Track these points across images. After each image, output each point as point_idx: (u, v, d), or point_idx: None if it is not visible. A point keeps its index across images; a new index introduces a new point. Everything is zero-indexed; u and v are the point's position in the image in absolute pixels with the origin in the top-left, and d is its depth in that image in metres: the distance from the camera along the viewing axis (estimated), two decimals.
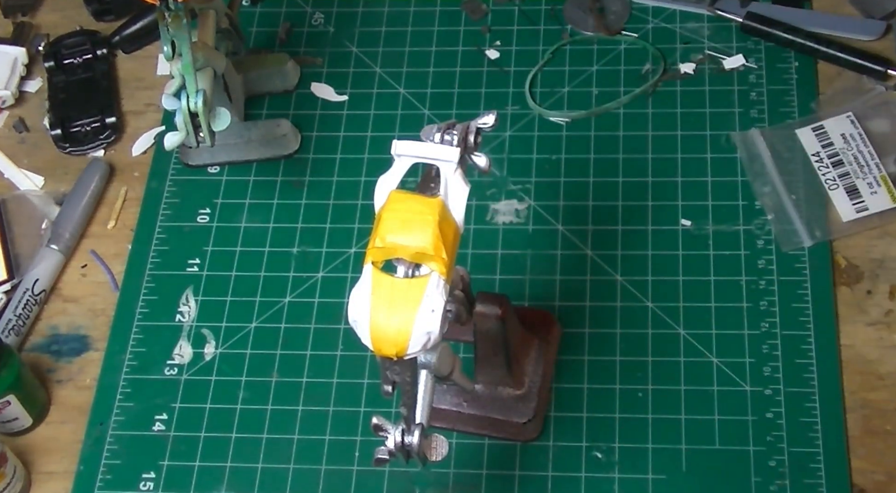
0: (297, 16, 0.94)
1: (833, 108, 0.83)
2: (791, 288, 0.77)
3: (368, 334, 0.53)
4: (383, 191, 0.56)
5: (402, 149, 0.57)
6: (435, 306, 0.53)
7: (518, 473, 0.72)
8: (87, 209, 0.86)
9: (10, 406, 0.75)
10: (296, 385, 0.77)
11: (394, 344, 0.53)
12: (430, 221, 0.54)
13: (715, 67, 0.87)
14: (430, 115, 0.87)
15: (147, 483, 0.74)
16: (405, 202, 0.55)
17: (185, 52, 0.76)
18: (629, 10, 0.91)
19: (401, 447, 0.57)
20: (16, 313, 0.80)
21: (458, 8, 0.93)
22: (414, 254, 0.54)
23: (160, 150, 0.87)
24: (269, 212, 0.84)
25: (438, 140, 0.58)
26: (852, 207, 0.79)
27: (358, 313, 0.54)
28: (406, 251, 0.54)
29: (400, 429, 0.57)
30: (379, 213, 0.55)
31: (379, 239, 0.54)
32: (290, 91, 0.90)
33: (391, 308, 0.53)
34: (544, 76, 0.88)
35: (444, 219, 0.54)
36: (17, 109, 0.93)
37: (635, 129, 0.85)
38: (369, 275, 0.54)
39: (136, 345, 0.80)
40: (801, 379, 0.73)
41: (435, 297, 0.53)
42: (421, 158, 0.57)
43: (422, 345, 0.53)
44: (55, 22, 0.96)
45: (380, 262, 0.54)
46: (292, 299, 0.80)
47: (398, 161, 0.57)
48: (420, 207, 0.55)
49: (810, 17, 0.88)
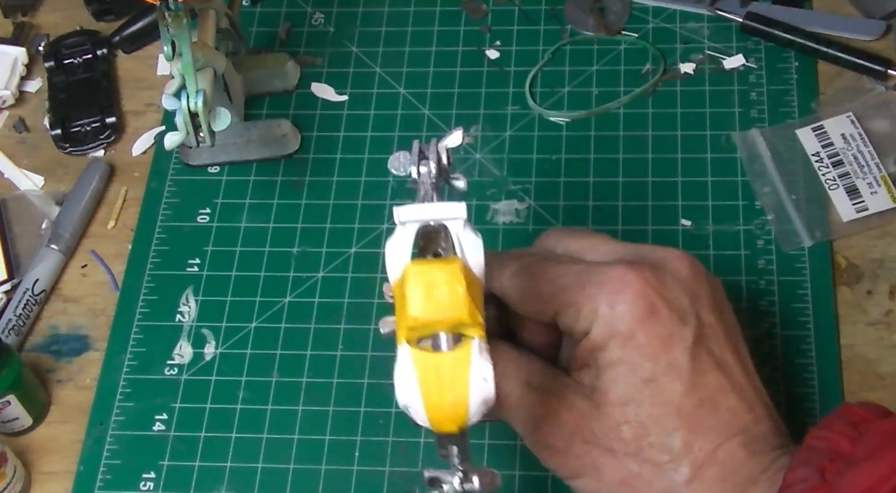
0: (297, 16, 0.94)
1: (833, 108, 0.83)
2: (791, 288, 0.77)
3: (425, 417, 0.51)
4: (395, 263, 0.53)
5: (405, 215, 0.53)
6: (485, 374, 0.51)
7: (518, 473, 0.72)
8: (87, 209, 0.86)
9: (10, 406, 0.75)
10: (296, 385, 0.77)
11: (454, 421, 0.51)
12: (459, 292, 0.51)
13: (715, 67, 0.87)
14: (430, 115, 0.87)
15: (147, 483, 0.74)
16: (426, 276, 0.52)
17: (185, 52, 0.76)
18: (629, 10, 0.91)
19: None
20: (16, 313, 0.80)
21: (458, 8, 0.93)
22: (451, 326, 0.51)
23: (160, 150, 0.87)
24: (269, 212, 0.84)
25: (415, 173, 0.55)
26: (852, 207, 0.79)
27: (409, 398, 0.51)
28: (442, 325, 0.52)
29: (458, 477, 0.55)
30: (400, 290, 0.52)
31: (411, 319, 0.51)
32: (290, 91, 0.90)
33: (442, 386, 0.51)
34: (544, 76, 0.88)
35: (470, 281, 0.52)
36: (17, 109, 0.93)
37: (635, 129, 0.85)
38: (409, 356, 0.51)
39: (137, 345, 0.80)
40: (801, 379, 0.73)
41: (482, 364, 0.51)
42: (427, 221, 0.53)
43: (481, 414, 0.52)
44: (55, 22, 0.96)
45: (414, 340, 0.52)
46: (292, 299, 0.80)
47: (404, 229, 0.53)
48: (445, 276, 0.51)
49: (810, 17, 0.88)
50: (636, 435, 0.59)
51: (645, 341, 0.59)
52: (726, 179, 0.82)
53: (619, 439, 0.60)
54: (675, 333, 0.60)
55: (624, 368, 0.59)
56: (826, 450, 0.56)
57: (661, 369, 0.59)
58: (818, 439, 0.57)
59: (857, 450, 0.55)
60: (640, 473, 0.60)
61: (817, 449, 0.56)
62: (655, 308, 0.60)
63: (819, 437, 0.57)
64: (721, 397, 0.60)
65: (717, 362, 0.61)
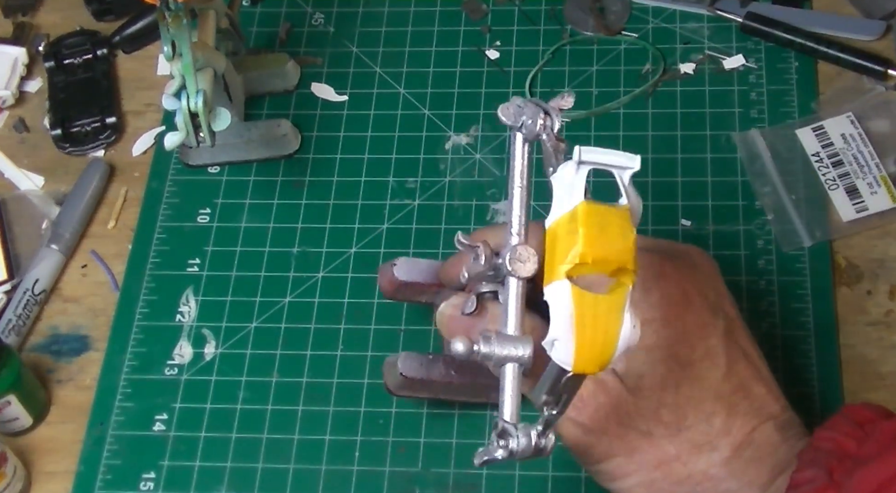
0: (297, 16, 0.94)
1: (833, 108, 0.83)
2: (791, 288, 0.77)
3: (572, 354, 0.51)
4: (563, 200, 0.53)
5: (587, 155, 0.53)
6: (635, 322, 0.51)
7: (518, 473, 0.72)
8: (87, 209, 0.86)
9: (10, 406, 0.75)
10: (296, 385, 0.77)
11: (598, 362, 0.51)
12: (630, 236, 0.51)
13: (715, 67, 0.87)
14: (430, 115, 0.87)
15: (147, 483, 0.74)
16: (601, 216, 0.52)
17: (185, 52, 0.76)
18: (629, 10, 0.91)
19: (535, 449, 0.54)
20: (16, 313, 0.80)
21: (458, 8, 0.93)
22: (614, 269, 0.51)
23: (160, 150, 0.87)
24: (269, 212, 0.84)
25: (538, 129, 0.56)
26: (852, 207, 0.79)
27: (561, 331, 0.51)
28: (607, 266, 0.51)
29: (535, 430, 0.54)
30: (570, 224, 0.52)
31: (581, 256, 0.51)
32: (290, 91, 0.90)
33: (596, 325, 0.51)
34: (544, 76, 0.88)
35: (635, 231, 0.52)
36: (17, 109, 0.93)
37: (635, 129, 0.85)
38: (568, 291, 0.51)
39: (137, 345, 0.80)
40: (802, 379, 0.73)
41: (631, 311, 0.51)
42: (604, 166, 0.53)
43: (620, 359, 0.52)
44: (55, 22, 0.96)
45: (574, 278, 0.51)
46: (292, 299, 0.80)
47: (580, 169, 0.53)
48: (619, 220, 0.52)
49: (810, 17, 0.88)
50: (675, 418, 0.60)
51: (682, 328, 0.61)
52: (726, 179, 0.82)
53: (658, 422, 0.61)
54: (709, 322, 0.62)
55: (661, 352, 0.60)
56: (833, 450, 0.56)
57: (699, 355, 0.61)
58: (825, 439, 0.58)
59: (863, 450, 0.56)
60: (678, 454, 0.61)
61: (824, 450, 0.57)
62: (690, 297, 0.62)
63: (825, 438, 0.58)
64: (752, 384, 0.62)
65: (744, 353, 0.63)
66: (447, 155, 0.85)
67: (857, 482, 0.53)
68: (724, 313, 0.63)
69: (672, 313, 0.61)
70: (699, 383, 0.61)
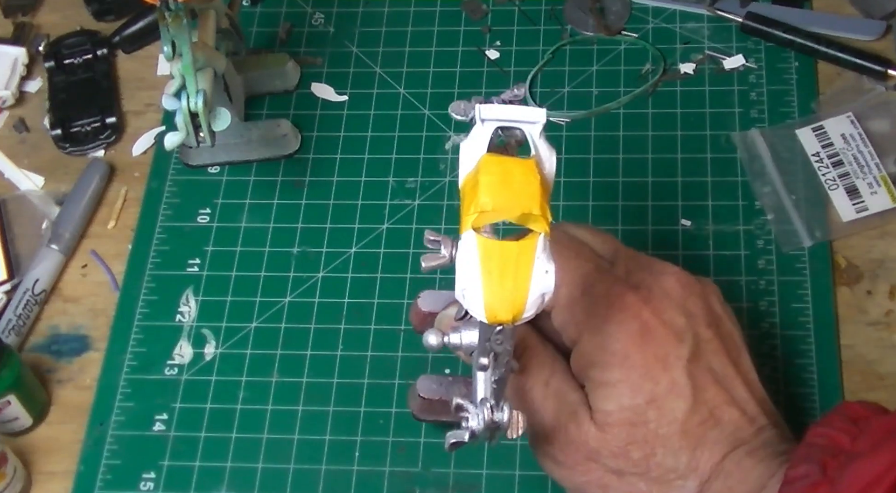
0: (297, 16, 0.94)
1: (833, 108, 0.83)
2: (791, 288, 0.77)
3: (482, 301, 0.51)
4: (469, 157, 0.53)
5: (487, 113, 0.53)
6: (547, 267, 0.51)
7: (518, 473, 0.72)
8: (87, 209, 0.86)
9: (10, 406, 0.75)
10: (296, 385, 0.77)
11: (510, 309, 0.51)
12: (533, 182, 0.51)
13: (715, 67, 0.87)
14: (430, 115, 0.87)
15: (147, 483, 0.74)
16: (502, 165, 0.52)
17: (185, 52, 0.76)
18: (629, 10, 0.91)
19: (490, 424, 0.55)
20: (16, 313, 0.80)
21: (458, 8, 0.93)
22: (520, 216, 0.51)
23: (160, 150, 0.87)
24: (269, 212, 0.84)
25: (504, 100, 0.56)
26: (852, 207, 0.79)
27: (468, 280, 0.51)
28: (511, 214, 0.51)
29: (489, 406, 0.55)
30: (473, 178, 0.52)
31: (481, 205, 0.51)
32: (290, 91, 0.90)
33: (504, 273, 0.51)
34: (544, 76, 0.88)
35: (542, 179, 0.52)
36: (18, 109, 0.93)
37: (635, 129, 0.85)
38: (473, 240, 0.51)
39: (137, 345, 0.80)
40: (801, 379, 0.73)
41: (545, 258, 0.51)
42: (507, 122, 0.53)
43: (537, 307, 0.51)
44: (55, 22, 0.96)
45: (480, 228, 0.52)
46: (292, 299, 0.80)
47: (482, 127, 0.53)
48: (520, 168, 0.52)
49: (810, 17, 0.88)
50: (644, 455, 0.60)
51: (642, 362, 0.60)
52: (726, 179, 0.82)
53: (627, 459, 0.60)
54: (671, 352, 0.60)
55: (625, 388, 0.60)
56: (827, 446, 0.56)
57: (663, 390, 0.60)
58: (819, 435, 0.57)
59: (857, 446, 0.55)
60: (648, 491, 0.60)
61: (818, 446, 0.57)
62: (650, 328, 0.60)
63: (819, 434, 0.57)
64: (722, 411, 0.61)
65: (716, 378, 0.61)
66: (447, 155, 0.85)
67: (849, 476, 0.53)
68: (693, 337, 0.61)
69: (632, 347, 0.60)
70: (665, 418, 0.60)
